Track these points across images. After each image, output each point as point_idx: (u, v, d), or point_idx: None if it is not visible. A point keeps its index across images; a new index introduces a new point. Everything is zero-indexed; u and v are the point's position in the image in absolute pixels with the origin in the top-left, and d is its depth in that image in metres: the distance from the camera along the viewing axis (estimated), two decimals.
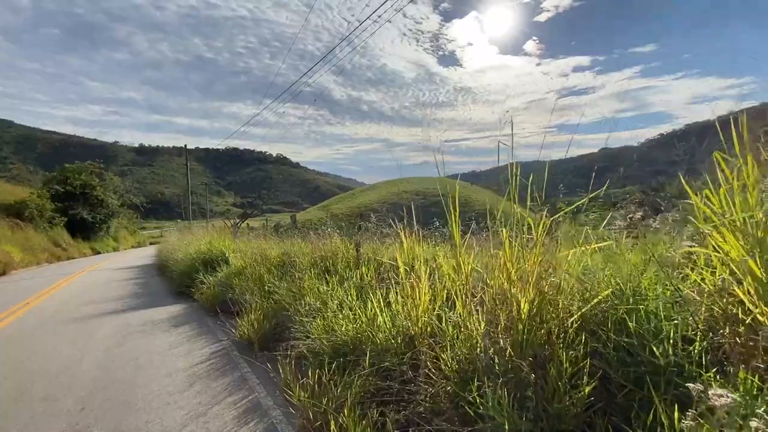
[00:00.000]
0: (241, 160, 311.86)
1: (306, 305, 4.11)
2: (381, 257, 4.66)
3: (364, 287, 3.94)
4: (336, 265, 5.07)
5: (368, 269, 4.34)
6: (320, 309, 3.85)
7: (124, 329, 5.54)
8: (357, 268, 4.63)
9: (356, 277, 4.29)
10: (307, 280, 4.72)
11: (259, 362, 3.96)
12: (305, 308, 4.08)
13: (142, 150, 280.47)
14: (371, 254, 5.01)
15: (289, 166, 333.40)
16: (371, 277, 4.12)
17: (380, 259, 4.60)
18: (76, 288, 9.97)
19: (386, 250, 4.82)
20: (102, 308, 7.17)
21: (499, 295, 2.42)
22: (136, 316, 6.40)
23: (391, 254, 4.66)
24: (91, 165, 31.61)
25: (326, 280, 4.52)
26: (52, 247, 22.72)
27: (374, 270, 4.35)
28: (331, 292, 4.07)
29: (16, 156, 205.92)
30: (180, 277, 8.77)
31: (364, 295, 3.67)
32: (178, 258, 10.01)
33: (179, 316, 6.40)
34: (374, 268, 4.33)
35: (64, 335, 5.32)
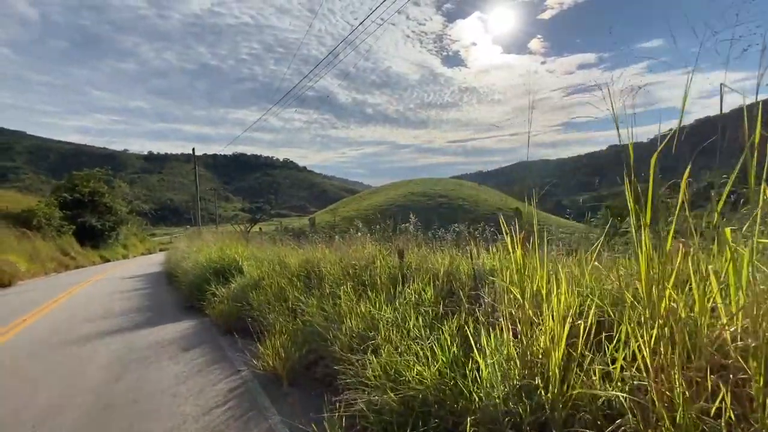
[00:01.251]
0: (248, 165, 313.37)
1: (347, 331, 3.23)
2: (435, 267, 3.76)
3: (425, 310, 3.03)
4: (375, 278, 4.18)
5: (426, 286, 3.43)
6: (369, 337, 2.96)
7: (124, 355, 4.71)
8: (404, 283, 3.74)
9: (410, 294, 3.39)
10: (344, 295, 3.85)
11: (290, 402, 3.08)
12: (346, 335, 3.20)
13: (151, 157, 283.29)
14: (419, 263, 4.11)
15: (295, 171, 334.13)
16: (431, 296, 3.21)
17: (434, 270, 3.70)
18: (79, 301, 9.22)
19: (443, 259, 3.92)
20: (103, 327, 6.37)
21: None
22: (140, 337, 5.58)
23: (446, 263, 3.76)
24: (99, 172, 31.20)
25: (368, 297, 3.64)
26: (60, 256, 22.20)
27: (430, 285, 3.45)
28: (379, 315, 3.18)
29: (29, 166, 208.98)
30: (189, 289, 7.96)
31: (428, 321, 2.78)
32: (186, 267, 9.22)
33: (189, 335, 5.56)
34: (431, 283, 3.43)
35: (53, 365, 4.50)
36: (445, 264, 3.72)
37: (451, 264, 3.73)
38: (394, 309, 3.20)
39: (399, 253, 4.13)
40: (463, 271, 3.49)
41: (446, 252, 4.17)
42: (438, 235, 5.28)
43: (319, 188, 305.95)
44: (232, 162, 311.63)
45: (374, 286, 4.02)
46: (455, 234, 5.56)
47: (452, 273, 3.55)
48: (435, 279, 3.55)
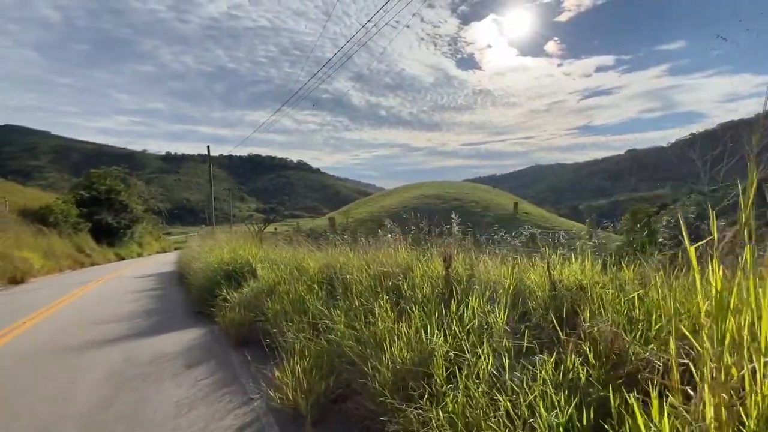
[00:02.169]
0: (262, 166, 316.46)
1: (388, 361, 2.54)
2: (495, 279, 3.04)
3: (500, 341, 2.31)
4: (416, 290, 3.48)
5: (491, 305, 2.71)
6: (422, 373, 2.27)
7: (123, 371, 4.11)
8: (453, 299, 3.03)
9: (469, 316, 2.67)
10: (379, 310, 3.16)
11: None
12: (388, 367, 2.50)
13: (169, 158, 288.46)
14: (469, 273, 3.39)
15: (309, 172, 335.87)
16: (503, 319, 2.47)
17: (494, 283, 2.98)
18: (86, 302, 8.77)
19: (504, 269, 3.19)
20: (106, 332, 5.83)
21: None
22: (142, 347, 4.99)
23: (512, 275, 3.04)
24: (116, 170, 31.33)
25: (410, 316, 2.94)
26: (75, 253, 22.13)
27: (500, 304, 2.73)
28: (432, 343, 2.47)
29: (53, 165, 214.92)
30: (199, 292, 7.39)
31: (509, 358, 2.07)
32: (197, 268, 8.67)
33: (196, 347, 4.95)
34: (498, 301, 2.71)
35: (40, 382, 3.93)
36: (510, 276, 2.99)
37: (516, 276, 3.00)
38: (451, 335, 2.49)
39: (445, 259, 3.42)
40: (536, 286, 2.77)
41: (502, 259, 3.45)
42: (477, 238, 4.55)
43: (332, 190, 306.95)
44: (247, 163, 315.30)
45: (415, 300, 3.32)
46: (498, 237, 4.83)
47: (521, 288, 2.83)
48: (497, 295, 2.83)
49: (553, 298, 2.46)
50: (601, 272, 2.70)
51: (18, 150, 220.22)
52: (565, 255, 3.49)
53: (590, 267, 2.66)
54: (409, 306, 3.20)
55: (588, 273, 2.63)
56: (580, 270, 2.69)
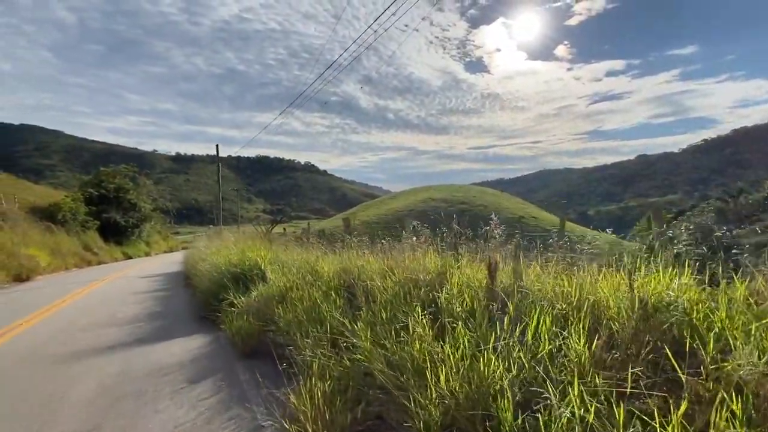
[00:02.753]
0: (270, 167, 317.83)
1: (433, 392, 2.05)
2: (556, 293, 2.54)
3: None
4: (454, 302, 2.97)
5: (572, 327, 2.19)
6: (485, 415, 1.77)
7: (116, 385, 3.67)
8: (503, 314, 2.53)
9: (537, 341, 2.16)
10: (414, 325, 2.67)
11: None
12: (434, 400, 2.01)
13: (179, 158, 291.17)
14: (518, 283, 2.88)
15: (316, 174, 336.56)
16: (598, 349, 1.95)
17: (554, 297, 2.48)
18: (89, 302, 8.40)
19: (568, 281, 2.68)
20: (104, 337, 5.42)
21: None
22: (141, 356, 4.55)
23: (581, 289, 2.54)
24: (126, 168, 31.27)
25: (453, 335, 2.44)
26: (83, 252, 21.95)
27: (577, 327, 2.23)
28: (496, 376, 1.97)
29: (64, 164, 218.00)
30: (205, 295, 6.96)
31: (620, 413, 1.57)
32: (203, 270, 8.25)
33: (200, 358, 4.50)
34: (573, 323, 2.20)
35: (23, 397, 3.49)
36: (575, 289, 2.48)
37: (586, 290, 2.49)
38: (515, 365, 1.99)
39: (489, 267, 2.92)
40: (614, 304, 2.26)
41: (559, 268, 2.93)
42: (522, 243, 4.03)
43: (339, 192, 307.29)
44: (255, 164, 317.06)
45: (455, 315, 2.82)
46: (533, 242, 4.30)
47: (594, 306, 2.31)
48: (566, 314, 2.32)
49: (644, 320, 1.96)
50: (694, 286, 2.18)
51: (31, 149, 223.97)
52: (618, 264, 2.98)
53: (684, 279, 2.14)
54: (450, 322, 2.71)
55: (679, 287, 2.11)
56: (670, 283, 2.17)
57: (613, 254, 3.17)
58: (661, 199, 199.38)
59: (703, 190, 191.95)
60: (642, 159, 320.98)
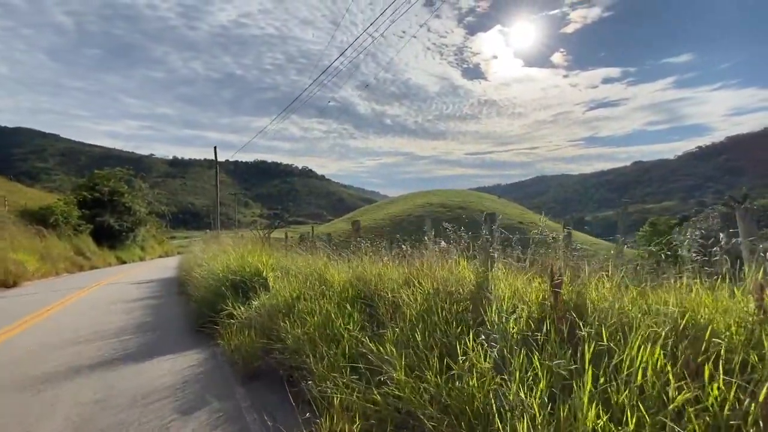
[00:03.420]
0: (268, 172, 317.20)
1: None
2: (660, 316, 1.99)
3: None
4: (504, 320, 2.41)
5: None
6: None
7: (91, 417, 3.07)
8: (574, 337, 1.98)
9: (632, 364, 1.62)
10: (465, 352, 2.11)
11: None
12: None
13: (176, 162, 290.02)
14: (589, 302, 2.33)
15: (314, 179, 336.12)
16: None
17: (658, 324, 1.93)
18: (73, 312, 7.76)
19: (664, 297, 2.12)
20: (85, 354, 4.81)
21: None
22: (125, 378, 3.95)
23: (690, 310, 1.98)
24: (121, 171, 30.59)
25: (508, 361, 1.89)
26: (74, 256, 21.22)
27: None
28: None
29: (60, 168, 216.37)
30: (200, 305, 6.36)
31: None
32: (199, 276, 7.65)
33: (194, 381, 3.90)
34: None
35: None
36: (673, 305, 1.93)
37: (688, 307, 1.94)
38: (635, 421, 1.44)
39: (552, 277, 2.37)
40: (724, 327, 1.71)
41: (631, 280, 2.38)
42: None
43: (336, 197, 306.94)
44: (252, 168, 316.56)
45: (510, 338, 2.26)
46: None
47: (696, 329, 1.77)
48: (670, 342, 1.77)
49: None
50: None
51: (27, 152, 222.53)
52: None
53: None
54: (505, 347, 2.15)
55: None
56: None
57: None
58: (657, 205, 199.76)
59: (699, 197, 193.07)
60: (638, 165, 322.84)
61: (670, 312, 1.95)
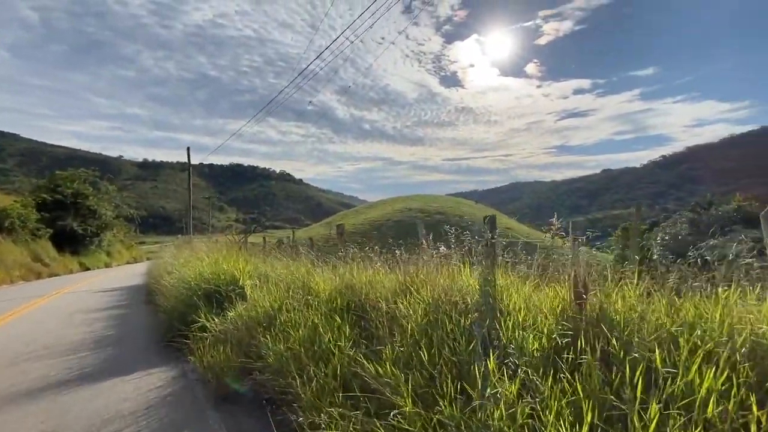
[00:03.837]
0: (244, 176, 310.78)
1: None
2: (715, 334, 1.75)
3: None
4: (519, 336, 2.13)
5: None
6: None
7: None
8: (606, 367, 1.72)
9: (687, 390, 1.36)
10: (494, 386, 1.80)
11: None
12: None
13: (146, 165, 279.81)
14: (618, 314, 2.08)
15: (291, 183, 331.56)
16: None
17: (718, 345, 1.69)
18: (29, 322, 7.02)
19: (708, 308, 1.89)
20: (35, 373, 4.23)
21: None
22: (77, 404, 3.44)
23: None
24: (86, 172, 28.93)
25: (532, 389, 1.60)
26: (31, 263, 19.77)
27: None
28: None
29: (20, 169, 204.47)
30: (170, 316, 5.83)
31: None
32: (169, 284, 7.07)
33: (160, 403, 3.43)
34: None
35: None
36: (720, 318, 1.70)
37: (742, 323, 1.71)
38: None
39: (575, 286, 2.10)
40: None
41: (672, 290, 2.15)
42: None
43: (315, 201, 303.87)
44: (228, 172, 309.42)
45: (533, 358, 1.97)
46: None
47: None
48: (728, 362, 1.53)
49: None
50: None
51: None
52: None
53: None
54: (526, 368, 1.86)
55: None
56: None
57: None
58: (625, 211, 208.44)
59: (663, 204, 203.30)
60: (606, 173, 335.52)
61: (718, 326, 1.71)
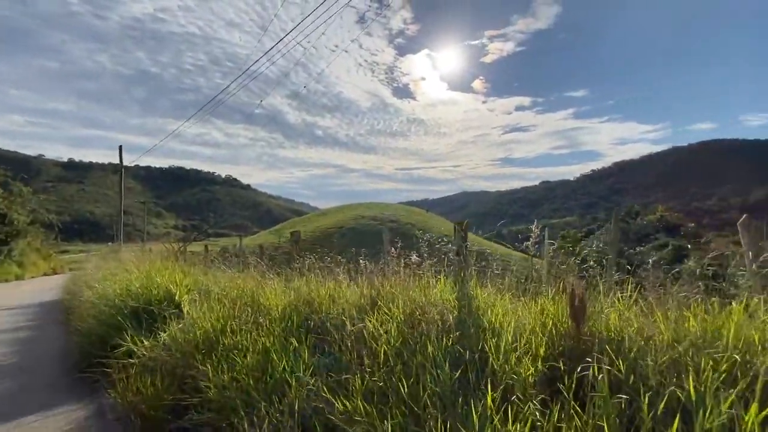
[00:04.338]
0: (186, 180, 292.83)
1: None
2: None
3: None
4: (511, 361, 1.85)
5: None
6: None
7: None
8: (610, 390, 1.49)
9: None
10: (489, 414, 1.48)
11: None
12: None
13: (72, 165, 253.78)
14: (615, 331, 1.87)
15: (238, 188, 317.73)
16: None
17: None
18: None
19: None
20: None
21: None
22: None
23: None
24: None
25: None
26: None
27: None
28: None
29: None
30: (87, 339, 4.94)
31: None
32: (88, 300, 6.08)
33: None
34: None
35: None
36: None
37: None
38: None
39: (572, 301, 1.87)
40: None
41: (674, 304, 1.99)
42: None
43: (263, 208, 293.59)
44: (168, 175, 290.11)
45: (524, 390, 1.70)
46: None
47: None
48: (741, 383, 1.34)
49: None
50: None
51: None
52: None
53: None
54: (520, 399, 1.58)
55: None
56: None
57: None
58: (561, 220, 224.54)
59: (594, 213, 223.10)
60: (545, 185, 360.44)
61: (733, 344, 1.53)
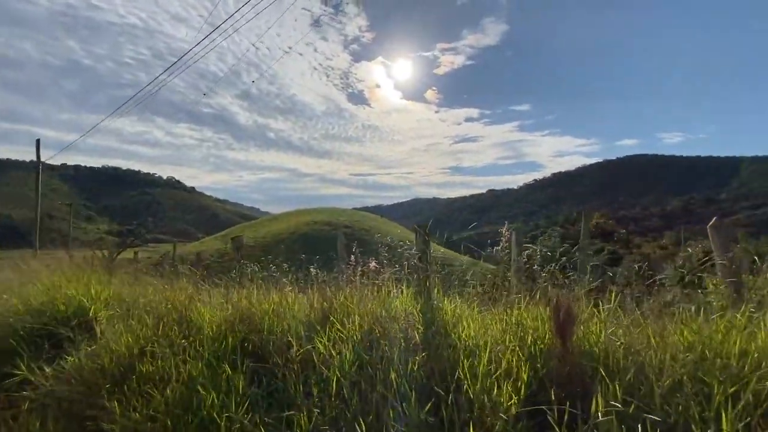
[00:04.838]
0: (122, 181, 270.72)
1: None
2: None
3: None
4: (489, 385, 1.56)
5: None
6: None
7: None
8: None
9: None
10: None
11: None
12: None
13: None
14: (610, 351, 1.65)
15: (181, 191, 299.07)
16: None
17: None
18: None
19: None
20: None
21: None
22: None
23: None
24: None
25: None
26: None
27: None
28: None
29: None
30: None
31: None
32: None
33: None
34: None
35: None
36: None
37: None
38: None
39: (557, 313, 1.61)
40: None
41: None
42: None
43: (209, 212, 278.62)
44: (101, 175, 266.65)
45: (499, 414, 1.40)
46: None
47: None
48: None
49: None
50: None
51: None
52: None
53: None
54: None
55: None
56: None
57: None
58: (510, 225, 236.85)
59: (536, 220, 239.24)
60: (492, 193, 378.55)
61: (739, 362, 1.34)
